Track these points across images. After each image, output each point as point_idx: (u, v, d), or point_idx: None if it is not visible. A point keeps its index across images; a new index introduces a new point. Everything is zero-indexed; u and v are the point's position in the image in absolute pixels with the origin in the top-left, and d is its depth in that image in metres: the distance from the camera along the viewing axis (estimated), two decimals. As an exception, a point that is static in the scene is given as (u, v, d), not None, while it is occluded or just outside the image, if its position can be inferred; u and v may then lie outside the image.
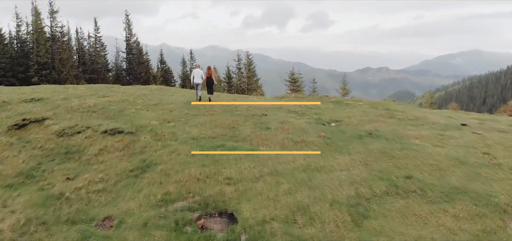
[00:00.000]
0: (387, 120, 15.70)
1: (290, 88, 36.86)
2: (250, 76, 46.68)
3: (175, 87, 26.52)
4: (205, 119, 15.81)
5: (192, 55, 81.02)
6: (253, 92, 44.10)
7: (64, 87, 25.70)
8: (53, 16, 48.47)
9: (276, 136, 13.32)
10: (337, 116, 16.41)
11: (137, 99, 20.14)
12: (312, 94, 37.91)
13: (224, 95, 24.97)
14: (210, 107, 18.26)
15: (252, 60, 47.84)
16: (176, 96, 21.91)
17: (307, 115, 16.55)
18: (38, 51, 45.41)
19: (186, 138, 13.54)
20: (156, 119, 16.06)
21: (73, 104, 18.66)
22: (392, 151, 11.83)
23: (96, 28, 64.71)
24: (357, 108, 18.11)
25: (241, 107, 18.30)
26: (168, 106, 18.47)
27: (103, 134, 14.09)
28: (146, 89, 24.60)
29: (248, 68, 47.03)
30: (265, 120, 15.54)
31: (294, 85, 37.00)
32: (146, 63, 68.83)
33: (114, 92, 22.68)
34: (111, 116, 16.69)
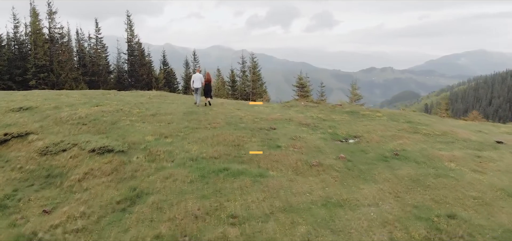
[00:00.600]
0: (412, 136, 13.90)
1: (298, 93, 35.00)
2: (255, 79, 44.87)
3: (175, 94, 24.83)
4: (207, 134, 14.09)
5: (196, 56, 79.45)
6: (258, 97, 42.23)
7: (57, 93, 24.07)
8: (51, 17, 46.96)
9: (287, 157, 11.56)
10: (355, 130, 14.63)
11: (133, 109, 18.47)
12: (321, 99, 36.05)
13: (228, 102, 23.24)
14: (212, 118, 16.55)
15: (257, 63, 46.00)
16: (175, 104, 20.22)
17: (321, 129, 14.79)
18: (35, 53, 43.90)
19: (184, 158, 11.82)
20: (152, 133, 14.35)
21: (62, 115, 17.00)
22: (426, 179, 10.05)
23: (97, 29, 63.24)
24: (376, 120, 16.32)
25: (246, 118, 16.58)
26: (166, 117, 16.77)
27: (90, 154, 12.39)
28: (144, 96, 22.93)
29: (253, 71, 45.21)
30: (274, 135, 13.80)
31: (302, 90, 35.13)
32: (148, 64, 67.24)
33: (109, 100, 21.02)
34: (102, 130, 15.00)
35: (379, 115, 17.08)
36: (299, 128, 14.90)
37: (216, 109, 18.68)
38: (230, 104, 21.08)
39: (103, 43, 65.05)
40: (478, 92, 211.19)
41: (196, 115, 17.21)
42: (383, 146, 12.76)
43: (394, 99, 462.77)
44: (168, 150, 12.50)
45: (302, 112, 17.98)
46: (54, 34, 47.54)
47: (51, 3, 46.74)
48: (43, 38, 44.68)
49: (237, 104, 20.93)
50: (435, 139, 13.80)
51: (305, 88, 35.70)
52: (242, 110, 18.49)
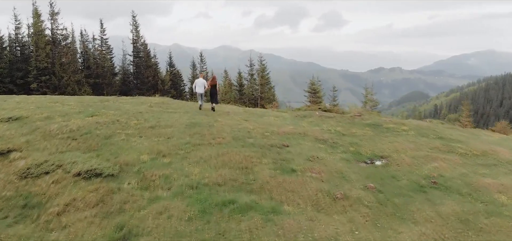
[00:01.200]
0: (448, 157, 11.99)
1: (310, 99, 33.04)
2: (264, 83, 42.97)
3: (178, 102, 23.13)
4: (210, 152, 12.32)
5: (202, 57, 77.89)
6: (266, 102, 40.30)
7: (52, 100, 22.48)
8: (54, 18, 45.56)
9: (305, 185, 9.75)
10: (381, 148, 12.77)
11: (130, 120, 16.78)
12: (333, 104, 34.05)
13: (235, 110, 21.46)
14: (217, 132, 14.78)
15: (265, 66, 43.99)
16: (178, 113, 18.48)
17: (341, 146, 12.95)
18: (37, 56, 42.53)
19: (183, 185, 10.05)
20: (149, 151, 12.62)
21: (52, 128, 15.35)
22: (476, 219, 8.17)
23: (102, 30, 61.98)
24: (403, 135, 14.44)
25: (255, 132, 14.81)
26: (166, 131, 15.05)
27: (75, 178, 10.69)
28: (144, 104, 21.24)
29: (261, 74, 43.31)
30: (288, 154, 12.00)
31: (314, 96, 33.15)
32: (155, 66, 65.80)
33: (106, 108, 19.36)
34: (93, 147, 13.30)
35: (405, 129, 15.18)
36: (315, 145, 13.07)
37: (221, 120, 16.91)
38: (237, 113, 19.30)
39: (108, 44, 63.73)
40: (488, 93, 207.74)
41: (200, 127, 15.46)
42: (417, 171, 10.88)
43: (402, 99, 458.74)
44: (165, 173, 10.75)
45: (318, 124, 16.14)
46: (57, 36, 46.14)
47: (53, 3, 45.40)
48: (45, 39, 43.28)
49: (244, 113, 19.15)
50: (475, 161, 11.89)
51: (318, 93, 33.68)
52: (250, 122, 16.70)
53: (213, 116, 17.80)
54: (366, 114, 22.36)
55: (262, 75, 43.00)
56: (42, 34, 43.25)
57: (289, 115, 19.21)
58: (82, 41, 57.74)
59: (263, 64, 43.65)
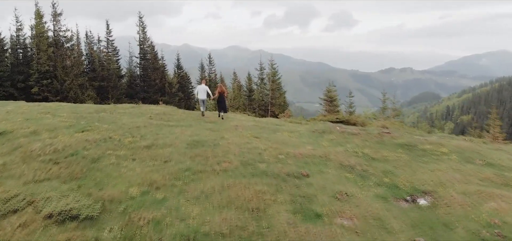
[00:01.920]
0: (506, 194, 9.62)
1: (326, 108, 30.63)
2: (275, 88, 40.64)
3: (181, 112, 21.04)
4: (213, 184, 10.17)
5: (211, 58, 75.99)
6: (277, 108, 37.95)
7: (43, 110, 20.50)
8: (56, 19, 43.84)
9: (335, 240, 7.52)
10: (421, 179, 10.47)
11: (125, 136, 14.71)
12: (349, 111, 31.63)
13: (244, 122, 19.29)
14: (223, 153, 12.62)
15: (276, 70, 41.58)
16: (180, 128, 16.36)
17: (373, 176, 10.69)
18: (38, 58, 40.87)
19: (177, 236, 7.89)
20: (140, 181, 10.51)
21: (35, 147, 13.36)
22: None
23: (108, 31, 60.37)
24: (443, 160, 12.11)
25: (267, 153, 12.61)
26: (164, 152, 12.93)
27: (46, 221, 8.59)
28: (144, 115, 19.16)
29: (272, 79, 40.99)
30: (308, 188, 9.78)
31: (331, 104, 30.72)
32: (162, 68, 64.02)
33: (100, 121, 17.33)
34: (76, 173, 11.23)
35: (445, 151, 12.83)
36: (341, 174, 10.82)
37: (228, 136, 14.76)
38: (246, 127, 17.12)
39: (115, 46, 62.05)
40: (501, 94, 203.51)
41: (203, 147, 13.31)
42: (473, 214, 8.56)
43: (414, 100, 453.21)
44: (155, 217, 8.59)
45: (340, 144, 13.87)
46: (59, 38, 44.40)
47: (56, 4, 43.66)
48: (47, 41, 41.57)
49: (255, 128, 16.95)
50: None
51: (334, 101, 31.25)
52: (261, 139, 14.50)
53: (219, 132, 15.65)
54: (392, 127, 20.05)
55: (273, 79, 40.62)
56: (44, 36, 41.55)
57: (305, 129, 16.95)
58: (88, 42, 56.20)
59: (274, 68, 41.26)
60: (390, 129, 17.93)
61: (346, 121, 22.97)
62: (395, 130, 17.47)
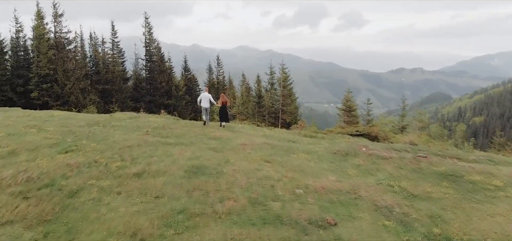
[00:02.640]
0: None
1: (345, 119, 28.00)
2: (286, 95, 37.98)
3: (184, 124, 18.82)
4: (213, 236, 7.89)
5: (219, 60, 73.92)
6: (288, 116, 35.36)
7: (31, 123, 18.41)
8: (57, 20, 41.96)
9: None
10: (480, 229, 8.04)
11: (113, 159, 12.53)
12: (367, 119, 29.05)
13: (253, 138, 17.00)
14: (227, 186, 10.35)
15: (288, 75, 38.79)
16: (179, 147, 14.09)
17: (418, 223, 8.29)
18: (38, 62, 39.04)
19: None
20: (121, 229, 8.25)
21: (7, 174, 11.24)
22: None
23: (113, 32, 58.51)
24: (500, 198, 9.66)
25: (281, 185, 10.31)
26: (157, 182, 10.69)
27: None
28: (139, 130, 16.97)
29: (283, 84, 38.33)
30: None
31: (349, 114, 28.11)
32: (169, 70, 61.98)
33: (89, 139, 15.17)
34: (45, 215, 9.03)
35: (499, 185, 10.36)
36: (378, 221, 8.43)
37: (234, 159, 12.48)
38: (255, 145, 14.80)
39: (120, 48, 60.19)
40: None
41: (203, 175, 11.05)
42: None
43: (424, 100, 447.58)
44: None
45: (370, 172, 11.49)
46: (60, 40, 42.48)
47: (57, 4, 41.73)
48: (47, 44, 39.69)
49: (265, 147, 14.62)
50: None
51: (354, 111, 28.58)
52: (273, 164, 12.19)
53: (223, 153, 13.37)
54: (420, 141, 17.62)
55: (284, 84, 37.85)
56: (44, 38, 39.68)
57: (324, 148, 14.57)
58: (92, 44, 54.38)
59: (285, 72, 38.50)
60: (419, 146, 15.54)
61: (367, 134, 20.55)
62: (426, 148, 15.04)
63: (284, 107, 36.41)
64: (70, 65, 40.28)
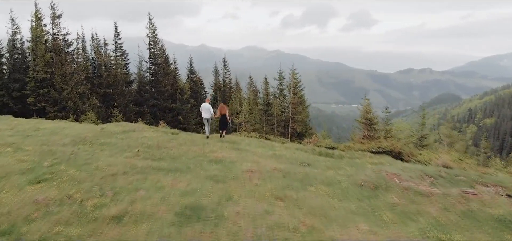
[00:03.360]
0: None
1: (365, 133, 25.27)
2: (296, 102, 35.29)
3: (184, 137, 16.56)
4: None
5: (226, 62, 71.73)
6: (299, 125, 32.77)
7: (9, 139, 16.25)
8: (55, 21, 39.94)
9: None
10: None
11: (90, 195, 10.26)
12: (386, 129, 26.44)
13: (260, 157, 14.66)
14: (228, 237, 8.04)
15: (299, 81, 35.99)
16: (172, 178, 11.73)
17: None
18: (35, 65, 37.07)
19: None
20: None
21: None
22: None
23: (116, 33, 56.51)
24: None
25: (298, 236, 7.98)
26: (138, 231, 8.34)
27: None
28: (130, 150, 14.68)
29: (294, 90, 35.58)
30: None
31: (370, 127, 25.45)
32: (174, 73, 59.92)
33: (69, 163, 12.91)
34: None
35: None
36: None
37: (238, 196, 10.12)
38: (263, 171, 12.42)
39: (123, 50, 58.21)
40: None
41: (198, 221, 8.69)
42: None
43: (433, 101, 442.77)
44: None
45: (410, 216, 9.02)
46: (59, 42, 40.44)
47: (55, 5, 39.69)
48: (44, 46, 37.67)
49: (275, 175, 12.22)
50: None
51: (375, 125, 25.87)
52: (287, 203, 9.81)
53: (225, 185, 11.02)
54: (451, 161, 15.16)
55: (295, 91, 35.12)
56: (41, 40, 37.68)
57: (348, 177, 12.14)
58: (94, 46, 52.44)
59: (296, 78, 35.71)
60: (454, 170, 13.08)
61: (390, 151, 18.08)
62: (463, 173, 12.58)
63: (295, 115, 33.77)
64: (68, 69, 38.21)
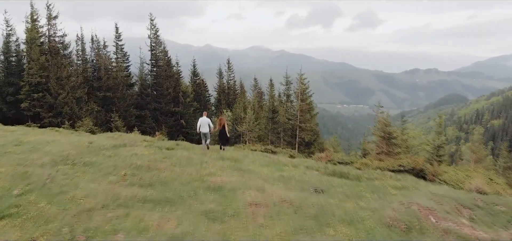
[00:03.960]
0: None
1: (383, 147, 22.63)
2: (305, 109, 32.71)
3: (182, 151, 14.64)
4: None
5: (230, 64, 69.79)
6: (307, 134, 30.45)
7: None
8: (51, 23, 38.14)
9: None
10: None
11: (58, 238, 8.34)
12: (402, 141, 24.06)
13: (266, 182, 12.67)
14: None
15: (307, 86, 33.06)
16: (158, 217, 9.73)
17: None
18: (29, 69, 35.30)
19: None
20: None
21: None
22: None
23: (117, 35, 54.69)
24: None
25: None
26: None
27: None
28: (115, 173, 12.69)
29: (302, 97, 32.83)
30: None
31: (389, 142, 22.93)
32: (177, 75, 58.00)
33: (41, 192, 10.97)
34: None
35: None
36: None
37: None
38: (269, 202, 10.42)
39: (124, 51, 56.33)
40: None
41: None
42: None
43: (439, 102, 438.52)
44: None
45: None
46: (55, 44, 38.61)
47: (51, 6, 37.86)
48: (39, 49, 35.87)
49: (284, 207, 10.19)
50: None
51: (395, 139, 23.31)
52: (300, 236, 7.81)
53: (223, 225, 9.04)
54: (490, 191, 13.12)
55: (303, 97, 32.46)
56: (36, 43, 35.90)
57: (372, 213, 10.11)
58: (93, 48, 50.60)
59: (304, 83, 33.00)
60: (490, 196, 11.08)
61: (412, 169, 16.02)
62: (501, 201, 10.59)
63: (303, 124, 31.32)
64: (65, 72, 36.39)
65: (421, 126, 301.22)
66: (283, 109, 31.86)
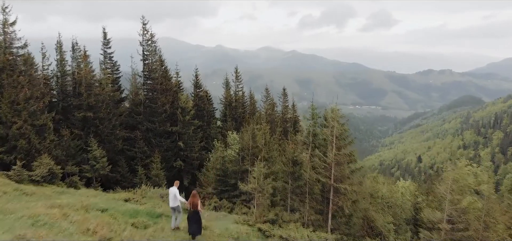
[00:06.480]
0: None
1: None
2: (342, 162, 20.49)
3: (150, 232, 5.75)
4: None
5: (238, 73, 60.95)
6: (346, 202, 20.27)
7: None
8: (6, 29, 29.58)
9: None
10: None
11: None
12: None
13: None
14: None
15: (347, 129, 20.90)
16: None
17: None
18: (-27, 92, 26.99)
19: None
20: None
21: None
22: None
23: (105, 41, 46.27)
24: None
25: None
26: None
27: None
28: None
29: (338, 144, 20.08)
30: None
31: None
32: (176, 87, 49.29)
33: None
34: None
35: None
36: None
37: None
38: None
39: (114, 61, 47.88)
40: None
41: None
42: None
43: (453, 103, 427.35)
44: None
45: None
46: (12, 58, 30.05)
47: (7, 8, 29.31)
48: (-13, 65, 27.48)
49: None
50: None
51: None
52: None
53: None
54: None
55: (339, 145, 20.16)
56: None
57: None
58: (74, 57, 42.10)
59: (342, 124, 20.75)
60: None
61: None
62: None
63: (338, 180, 20.19)
64: (22, 95, 27.94)
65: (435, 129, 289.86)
66: (307, 157, 21.22)
